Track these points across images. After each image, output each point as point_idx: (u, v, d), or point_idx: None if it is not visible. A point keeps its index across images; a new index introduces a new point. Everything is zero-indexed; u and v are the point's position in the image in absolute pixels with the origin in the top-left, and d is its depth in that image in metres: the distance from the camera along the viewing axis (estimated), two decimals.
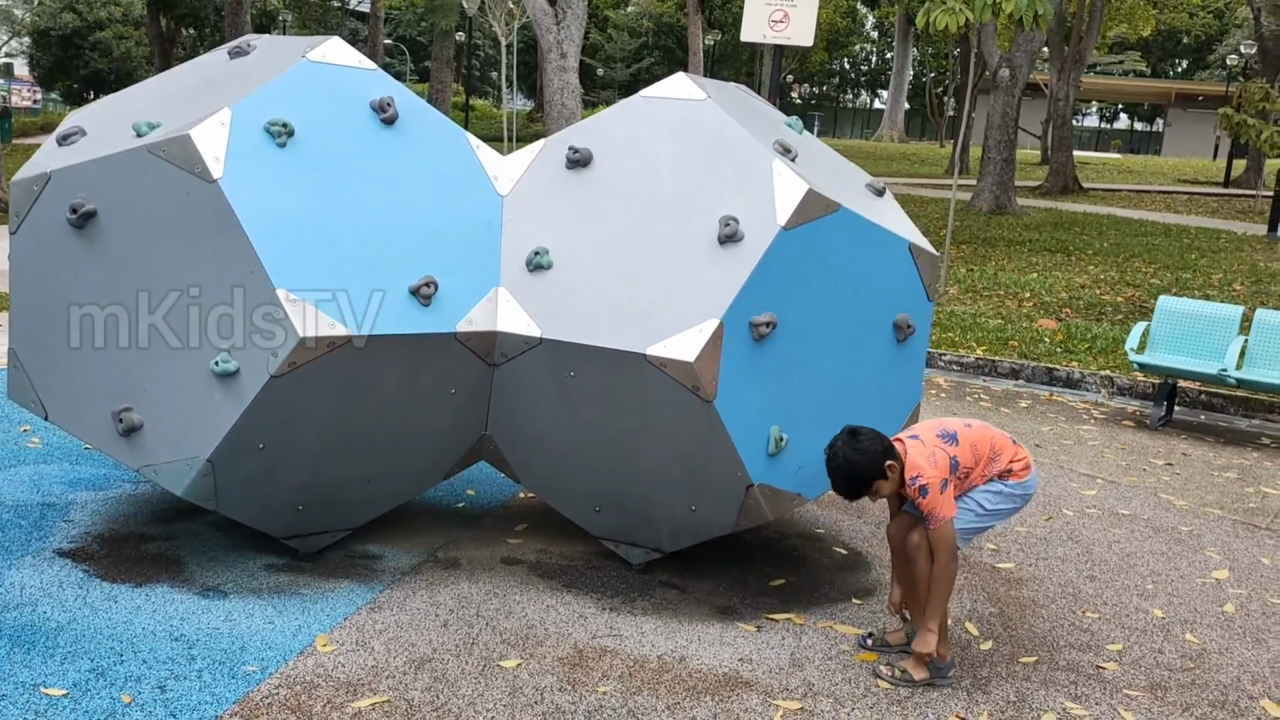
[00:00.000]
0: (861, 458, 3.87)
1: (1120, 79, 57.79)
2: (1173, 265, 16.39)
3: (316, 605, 4.32)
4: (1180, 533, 5.99)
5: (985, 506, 4.07)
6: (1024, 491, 4.12)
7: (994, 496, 4.07)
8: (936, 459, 3.90)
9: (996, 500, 4.07)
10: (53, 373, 4.43)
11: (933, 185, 28.69)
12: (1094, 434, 8.16)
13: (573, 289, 4.39)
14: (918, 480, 3.87)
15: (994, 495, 4.07)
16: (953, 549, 3.94)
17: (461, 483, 5.83)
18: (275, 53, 4.67)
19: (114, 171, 4.17)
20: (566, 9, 17.00)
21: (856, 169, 5.26)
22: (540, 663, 4.01)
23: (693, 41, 41.22)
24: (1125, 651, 4.46)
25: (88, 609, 4.15)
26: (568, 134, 4.77)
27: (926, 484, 3.86)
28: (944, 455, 3.92)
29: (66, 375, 4.40)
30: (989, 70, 22.34)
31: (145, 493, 5.35)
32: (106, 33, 50.37)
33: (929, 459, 3.89)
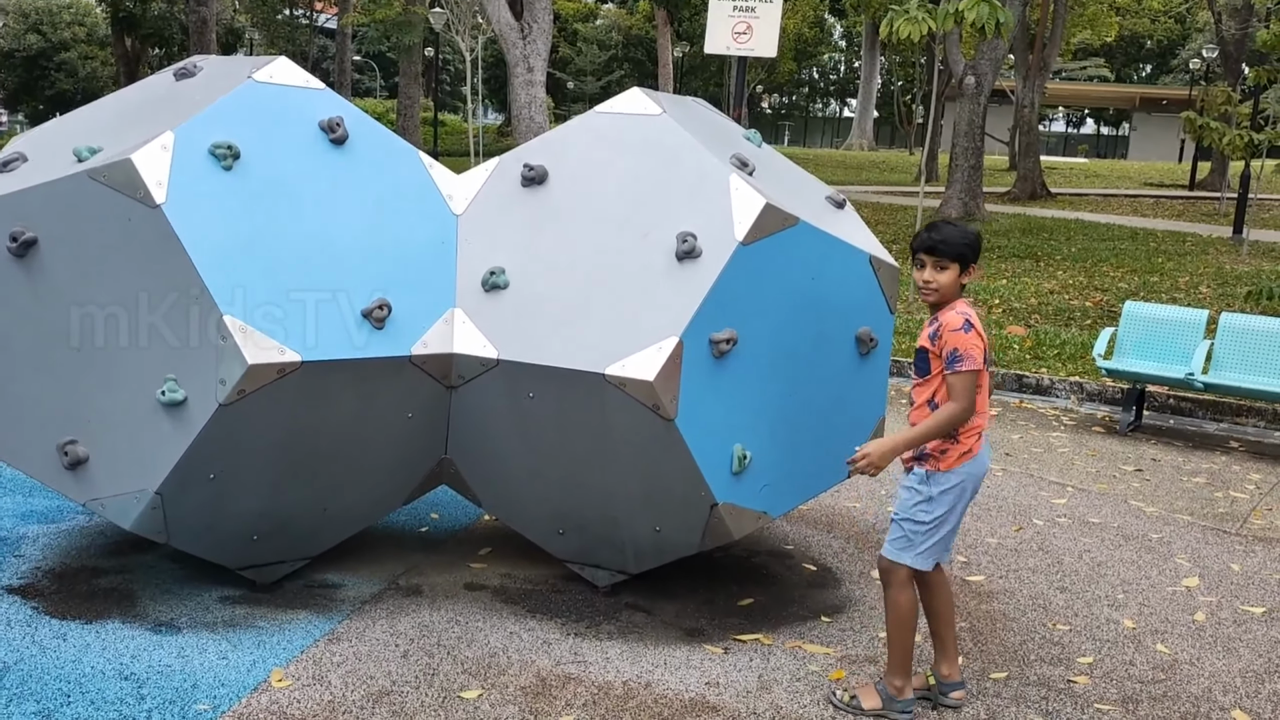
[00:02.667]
0: (960, 231, 3.72)
1: (1085, 84, 58.33)
2: (1140, 269, 16.47)
3: (273, 638, 4.22)
4: (1150, 540, 5.96)
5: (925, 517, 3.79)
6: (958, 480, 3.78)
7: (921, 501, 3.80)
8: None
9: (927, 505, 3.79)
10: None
11: (902, 193, 28.81)
12: (1064, 441, 8.14)
13: (530, 309, 4.31)
14: (967, 316, 3.66)
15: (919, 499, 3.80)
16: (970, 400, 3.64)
17: (425, 507, 5.73)
18: (221, 73, 4.57)
19: (54, 198, 4.07)
20: (532, 23, 16.96)
21: (816, 181, 5.21)
22: (502, 693, 3.92)
23: (662, 54, 41.34)
24: (1096, 664, 4.41)
25: (35, 648, 4.03)
26: (522, 151, 4.70)
27: (970, 320, 3.65)
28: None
29: (9, 407, 4.27)
30: (955, 78, 22.45)
31: (99, 525, 5.23)
32: (71, 53, 49.95)
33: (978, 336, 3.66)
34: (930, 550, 3.82)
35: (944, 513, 3.79)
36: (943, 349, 3.69)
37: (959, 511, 3.84)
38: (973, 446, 3.76)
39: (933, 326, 3.76)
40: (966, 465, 3.76)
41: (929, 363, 3.77)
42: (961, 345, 3.63)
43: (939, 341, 3.70)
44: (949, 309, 3.74)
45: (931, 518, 3.78)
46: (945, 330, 3.68)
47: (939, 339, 3.70)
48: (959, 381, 3.65)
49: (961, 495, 3.80)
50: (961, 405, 3.65)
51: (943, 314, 3.74)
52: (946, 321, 3.70)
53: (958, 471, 3.75)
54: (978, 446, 3.77)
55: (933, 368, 3.76)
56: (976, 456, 3.78)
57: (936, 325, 3.74)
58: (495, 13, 16.95)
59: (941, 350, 3.69)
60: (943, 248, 3.72)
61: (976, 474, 3.81)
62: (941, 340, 3.69)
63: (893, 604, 3.87)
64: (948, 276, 3.74)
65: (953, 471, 3.75)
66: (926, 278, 3.76)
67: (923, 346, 3.78)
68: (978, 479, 3.83)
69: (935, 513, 3.78)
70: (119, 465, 4.10)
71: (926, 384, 3.80)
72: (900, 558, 3.82)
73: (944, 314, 3.74)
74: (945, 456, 3.75)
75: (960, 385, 3.65)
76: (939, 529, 3.80)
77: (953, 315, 3.70)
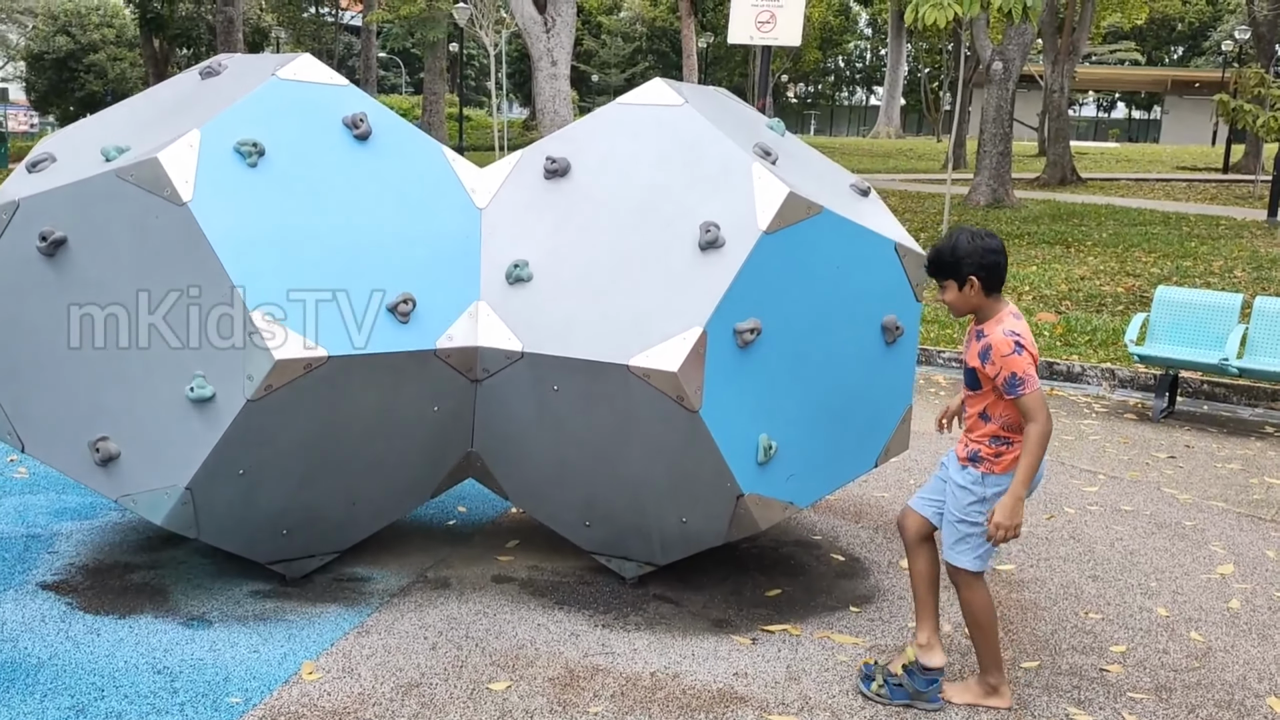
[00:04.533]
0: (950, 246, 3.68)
1: (1116, 68, 57.70)
2: (1173, 254, 16.28)
3: (303, 631, 4.25)
4: (1184, 528, 5.90)
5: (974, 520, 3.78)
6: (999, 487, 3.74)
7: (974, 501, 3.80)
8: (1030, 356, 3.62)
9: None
10: (28, 403, 4.36)
11: (930, 181, 28.62)
12: (1095, 428, 8.06)
13: (553, 301, 4.32)
14: (1015, 335, 3.60)
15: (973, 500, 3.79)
16: (1046, 415, 3.60)
17: (452, 500, 5.75)
18: (246, 72, 4.60)
19: (83, 198, 4.11)
20: (556, 16, 16.96)
21: (841, 169, 5.18)
22: (530, 684, 3.93)
23: (686, 45, 41.16)
24: (1129, 653, 4.37)
25: (70, 643, 4.08)
26: (545, 144, 4.70)
27: (1020, 341, 3.58)
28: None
29: (42, 405, 4.33)
30: (982, 64, 22.26)
31: (131, 521, 5.28)
32: (101, 55, 50.39)
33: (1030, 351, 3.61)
34: (987, 551, 3.80)
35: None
36: (997, 374, 3.63)
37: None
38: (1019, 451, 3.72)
39: (981, 344, 3.69)
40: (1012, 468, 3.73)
41: (979, 380, 3.74)
42: (1019, 369, 3.58)
43: (990, 365, 3.64)
44: (994, 323, 3.67)
45: (985, 518, 3.73)
46: (997, 355, 3.61)
47: (990, 362, 3.64)
48: (1030, 402, 3.60)
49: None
50: (1042, 423, 3.60)
51: (989, 330, 3.66)
52: (996, 345, 3.62)
53: (1009, 474, 3.71)
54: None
55: (984, 385, 3.73)
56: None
57: (986, 345, 3.66)
58: (519, 7, 16.97)
59: (996, 375, 3.63)
60: (932, 270, 3.76)
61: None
62: (994, 364, 3.63)
63: (969, 607, 3.84)
64: (950, 294, 3.73)
65: (1007, 474, 3.71)
66: (940, 299, 3.80)
67: (973, 367, 3.74)
68: (1035, 482, 3.76)
69: (989, 513, 3.74)
70: (150, 461, 4.14)
71: (979, 397, 3.76)
72: (960, 560, 3.80)
73: (991, 331, 3.66)
74: (1000, 460, 3.72)
75: (1032, 404, 3.60)
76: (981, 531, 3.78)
77: (1001, 337, 3.62)
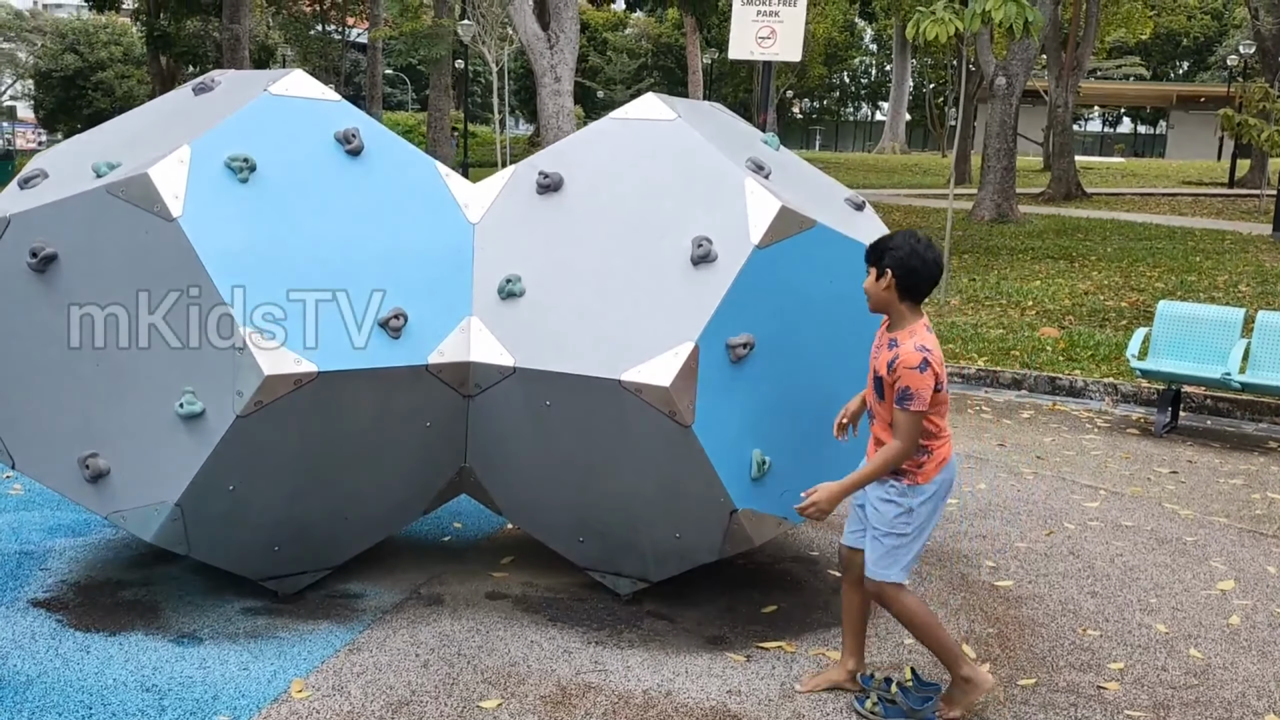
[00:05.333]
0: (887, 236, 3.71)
1: (1121, 83, 57.72)
2: (1177, 268, 16.24)
3: (294, 649, 4.22)
4: (1185, 543, 5.85)
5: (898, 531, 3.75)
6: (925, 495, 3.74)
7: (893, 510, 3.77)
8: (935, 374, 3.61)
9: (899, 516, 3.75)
10: (18, 420, 4.35)
11: (935, 196, 28.62)
12: (1097, 444, 8.02)
13: (546, 316, 4.30)
14: (925, 351, 3.58)
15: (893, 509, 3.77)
16: (913, 440, 3.63)
17: (447, 516, 5.73)
18: (239, 87, 4.60)
19: (73, 213, 4.10)
20: (559, 33, 17.00)
21: (836, 184, 5.16)
22: (522, 702, 3.89)
23: (692, 61, 41.31)
24: (1127, 670, 4.33)
25: (59, 660, 4.05)
26: (538, 159, 4.70)
27: (929, 359, 3.57)
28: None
29: (32, 422, 4.31)
30: (986, 79, 22.27)
31: (125, 538, 5.26)
32: (108, 73, 50.69)
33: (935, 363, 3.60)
34: (912, 561, 3.81)
35: (923, 522, 3.77)
36: (895, 381, 3.62)
37: (936, 519, 3.82)
38: (944, 458, 3.75)
39: (891, 353, 3.65)
40: (940, 473, 3.76)
41: (884, 389, 3.72)
42: (914, 385, 3.57)
43: (893, 374, 3.63)
44: (907, 334, 3.65)
45: (913, 528, 3.76)
46: (901, 366, 3.60)
47: (893, 371, 3.62)
48: (905, 420, 3.61)
49: (937, 502, 3.79)
50: (904, 445, 3.64)
51: (902, 341, 3.65)
52: (904, 357, 3.60)
53: (934, 482, 3.74)
54: (947, 456, 3.77)
55: (886, 395, 3.71)
56: (949, 463, 3.78)
57: (895, 355, 3.63)
58: (522, 23, 17.02)
59: (895, 382, 3.63)
60: (866, 253, 3.75)
61: (949, 479, 3.80)
62: (896, 374, 3.62)
63: (904, 616, 3.83)
64: (869, 281, 3.73)
65: (930, 483, 3.74)
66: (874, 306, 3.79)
67: (880, 375, 3.72)
68: (950, 483, 3.82)
69: (915, 523, 3.76)
70: (139, 478, 4.12)
71: (886, 407, 3.75)
72: (888, 575, 3.78)
73: (903, 342, 3.64)
74: (922, 469, 3.72)
75: (905, 424, 3.62)
76: (919, 539, 3.79)
77: (910, 351, 3.60)
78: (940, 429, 3.75)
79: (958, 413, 8.77)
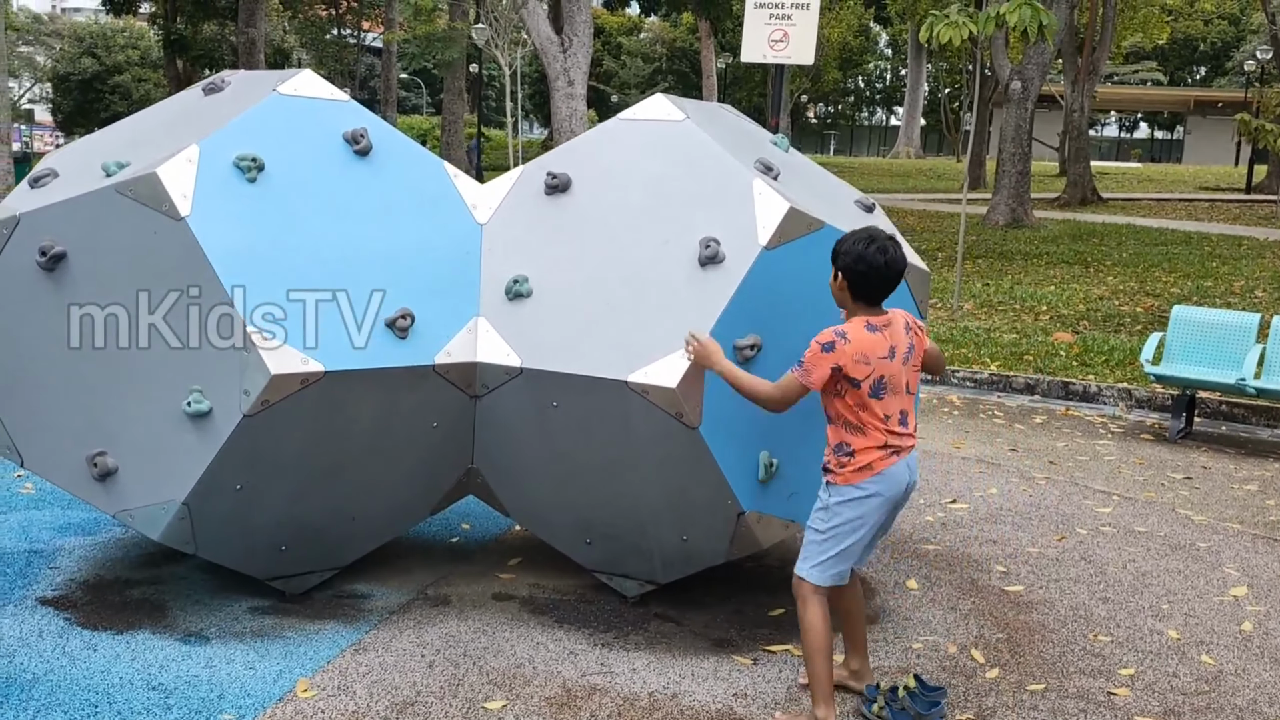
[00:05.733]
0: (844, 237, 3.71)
1: (1138, 88, 57.50)
2: (1193, 274, 16.15)
3: (300, 648, 4.22)
4: (1198, 549, 5.80)
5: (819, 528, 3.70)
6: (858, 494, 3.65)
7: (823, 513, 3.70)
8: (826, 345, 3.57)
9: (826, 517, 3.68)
10: (27, 419, 4.36)
11: (950, 200, 28.53)
12: (1110, 449, 7.97)
13: (553, 317, 4.29)
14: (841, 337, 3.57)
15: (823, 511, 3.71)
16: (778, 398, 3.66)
17: (456, 517, 5.72)
18: (248, 87, 4.61)
19: (82, 212, 4.11)
20: (572, 37, 17.03)
21: (845, 185, 5.14)
22: (527, 703, 3.88)
23: (706, 65, 41.32)
24: (1138, 676, 4.29)
25: (66, 659, 4.06)
26: (546, 160, 4.69)
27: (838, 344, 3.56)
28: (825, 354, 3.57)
29: (41, 421, 4.32)
30: (1001, 84, 22.20)
31: (134, 537, 5.27)
32: (125, 76, 50.97)
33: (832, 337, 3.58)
34: (828, 563, 3.68)
35: (840, 524, 3.66)
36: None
37: (868, 527, 3.70)
38: (873, 463, 3.63)
39: None
40: (871, 481, 3.63)
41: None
42: (809, 355, 3.59)
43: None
44: (846, 325, 3.65)
45: (827, 527, 3.68)
46: (816, 338, 3.61)
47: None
48: (786, 379, 3.65)
49: (866, 510, 3.66)
50: (768, 392, 3.69)
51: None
52: (823, 331, 3.62)
53: (860, 486, 3.63)
54: (881, 464, 3.63)
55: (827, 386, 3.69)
56: (882, 473, 3.64)
57: None
58: (535, 27, 17.05)
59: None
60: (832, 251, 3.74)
61: (885, 494, 3.66)
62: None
63: (801, 622, 3.71)
64: (830, 279, 3.73)
65: (852, 486, 3.64)
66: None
67: None
68: (888, 500, 3.68)
69: (831, 523, 3.67)
70: (147, 476, 4.13)
71: (824, 398, 3.73)
72: (800, 568, 3.73)
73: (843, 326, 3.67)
74: (841, 470, 3.66)
75: (785, 381, 3.65)
76: (837, 543, 3.67)
77: (831, 330, 3.61)
78: (864, 427, 3.62)
79: (970, 417, 8.73)
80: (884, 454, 3.65)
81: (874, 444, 3.64)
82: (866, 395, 3.60)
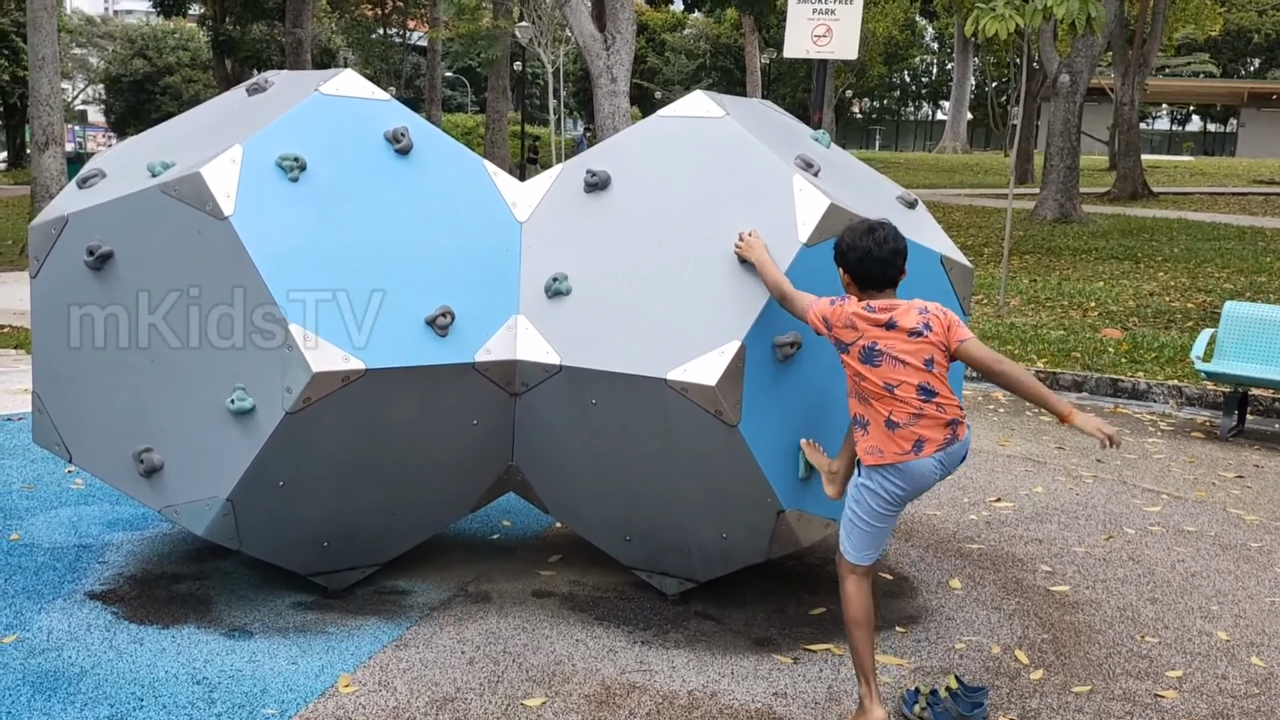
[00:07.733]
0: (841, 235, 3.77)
1: (1190, 80, 56.49)
2: (1247, 269, 15.85)
3: (342, 644, 4.25)
4: (1249, 549, 5.69)
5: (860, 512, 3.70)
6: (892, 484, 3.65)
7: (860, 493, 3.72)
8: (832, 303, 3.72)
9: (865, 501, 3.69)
10: (75, 415, 4.43)
11: (997, 195, 28.20)
12: (1160, 447, 7.84)
13: (592, 314, 4.29)
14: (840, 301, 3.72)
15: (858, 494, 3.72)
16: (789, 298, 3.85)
17: (497, 513, 5.74)
18: (290, 87, 4.65)
19: (128, 212, 4.17)
20: (615, 34, 17.02)
21: (887, 181, 5.10)
22: (566, 700, 3.89)
23: (750, 61, 41.12)
24: (1186, 678, 4.22)
25: (113, 652, 4.12)
26: (585, 157, 4.69)
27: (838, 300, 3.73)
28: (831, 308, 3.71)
29: (88, 417, 4.40)
30: (1049, 77, 21.92)
31: (181, 533, 5.34)
32: (175, 77, 51.67)
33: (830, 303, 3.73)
34: (860, 544, 3.71)
35: (865, 509, 3.69)
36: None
37: (884, 515, 3.69)
38: (883, 448, 3.60)
39: None
40: (882, 473, 3.62)
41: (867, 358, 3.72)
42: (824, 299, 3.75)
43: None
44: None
45: (856, 507, 3.72)
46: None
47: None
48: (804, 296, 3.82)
49: (880, 501, 3.65)
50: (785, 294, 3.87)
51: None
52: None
53: (869, 471, 3.65)
54: (898, 456, 3.59)
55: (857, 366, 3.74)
56: (901, 469, 3.60)
57: None
58: (578, 24, 17.06)
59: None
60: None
61: (893, 489, 3.63)
62: None
63: (843, 597, 3.79)
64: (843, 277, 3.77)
65: (870, 468, 3.65)
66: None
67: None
68: (896, 494, 3.64)
69: (860, 505, 3.70)
70: (192, 473, 4.18)
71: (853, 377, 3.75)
72: (841, 543, 3.78)
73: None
74: (860, 446, 3.70)
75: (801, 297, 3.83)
76: (865, 522, 3.70)
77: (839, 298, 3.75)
78: (867, 396, 3.62)
79: (1015, 415, 8.63)
80: (893, 436, 3.59)
81: (880, 416, 3.59)
82: (858, 361, 3.63)
